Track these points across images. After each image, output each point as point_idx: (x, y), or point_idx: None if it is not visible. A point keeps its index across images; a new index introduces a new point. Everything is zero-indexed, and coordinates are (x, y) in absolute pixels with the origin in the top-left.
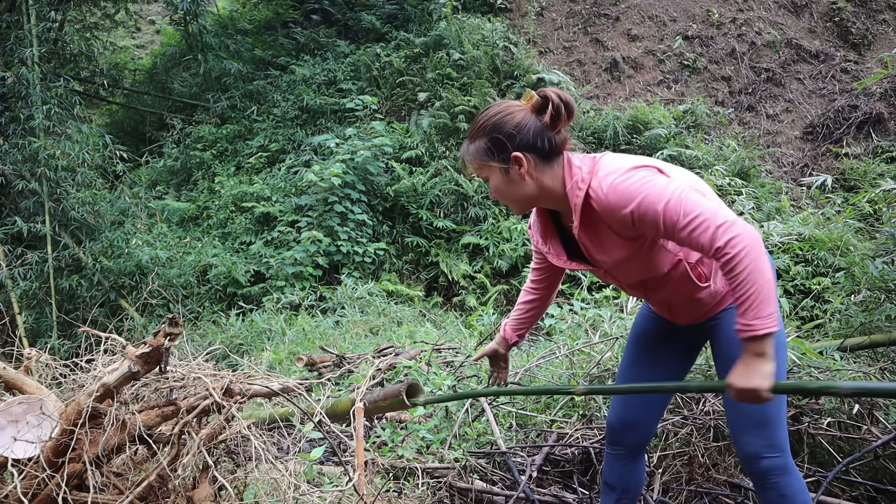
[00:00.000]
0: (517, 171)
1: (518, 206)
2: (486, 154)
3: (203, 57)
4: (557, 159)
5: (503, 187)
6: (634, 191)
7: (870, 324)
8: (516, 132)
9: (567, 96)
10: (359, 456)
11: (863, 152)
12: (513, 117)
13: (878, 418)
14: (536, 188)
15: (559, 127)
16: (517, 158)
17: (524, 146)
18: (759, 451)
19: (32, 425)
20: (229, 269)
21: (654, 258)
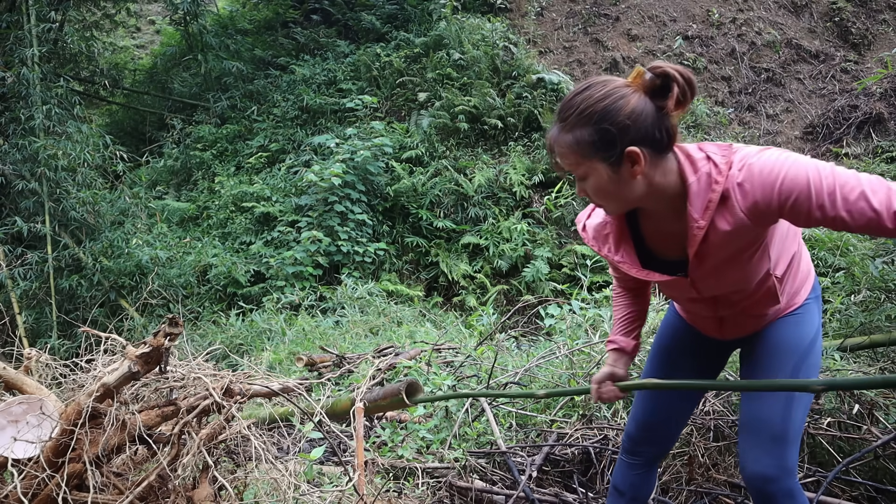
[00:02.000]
0: (629, 170)
1: (617, 208)
2: (590, 148)
3: (203, 57)
4: (670, 153)
5: (608, 187)
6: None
7: (870, 324)
8: (631, 122)
9: (688, 72)
10: (359, 456)
11: (863, 152)
12: (626, 102)
13: (878, 418)
14: (646, 187)
15: (682, 112)
16: (633, 155)
17: (640, 139)
18: (767, 472)
19: (32, 425)
20: (229, 269)
21: (755, 267)
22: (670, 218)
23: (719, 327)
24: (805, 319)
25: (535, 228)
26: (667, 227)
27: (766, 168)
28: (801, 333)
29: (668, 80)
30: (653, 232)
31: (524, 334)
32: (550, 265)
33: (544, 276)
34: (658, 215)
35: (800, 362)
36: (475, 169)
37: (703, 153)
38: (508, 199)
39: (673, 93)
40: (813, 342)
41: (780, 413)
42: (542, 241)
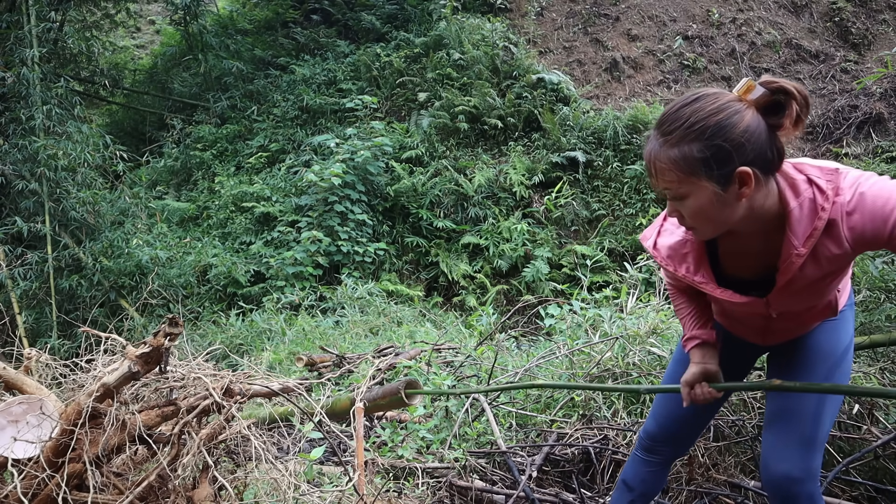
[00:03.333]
0: (736, 191)
1: (713, 231)
2: (700, 165)
3: (203, 57)
4: (775, 174)
5: (709, 209)
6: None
7: (870, 324)
8: (745, 141)
9: (804, 90)
10: (359, 456)
11: (863, 152)
12: (741, 118)
13: (878, 418)
14: (747, 210)
15: (797, 131)
16: (744, 176)
17: (753, 159)
18: (793, 473)
19: (32, 425)
20: (229, 269)
21: (833, 287)
22: (758, 239)
23: (764, 335)
24: (841, 326)
25: (535, 228)
26: (750, 247)
27: (881, 198)
28: (837, 339)
29: (786, 97)
30: (731, 251)
31: (524, 334)
32: (550, 265)
33: (544, 276)
34: (744, 236)
35: (834, 367)
36: (475, 169)
37: (803, 175)
38: (508, 199)
39: (791, 110)
40: (847, 349)
41: (812, 415)
42: (542, 241)
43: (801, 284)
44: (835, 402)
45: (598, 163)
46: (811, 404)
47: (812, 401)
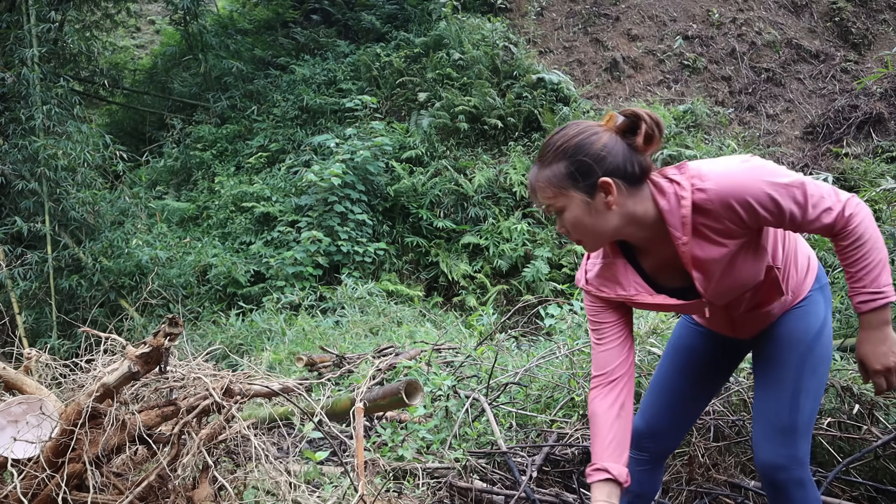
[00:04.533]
0: (603, 200)
1: (595, 242)
2: (566, 180)
3: (203, 57)
4: (644, 185)
5: (584, 219)
6: (749, 174)
7: None
8: (604, 155)
9: (656, 116)
10: (359, 456)
11: (863, 152)
12: (599, 138)
13: (879, 418)
14: (622, 219)
15: (651, 149)
16: (605, 185)
17: (613, 171)
18: (777, 461)
19: (32, 425)
20: (229, 269)
21: (757, 264)
22: (662, 246)
23: (732, 328)
24: (810, 311)
25: (535, 228)
26: (664, 256)
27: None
28: (806, 325)
29: (637, 120)
30: (653, 266)
31: (524, 334)
32: (550, 265)
33: (544, 276)
34: (651, 247)
35: (806, 353)
36: (475, 169)
37: (664, 178)
38: (508, 199)
39: (641, 130)
40: (819, 333)
41: (788, 404)
42: (542, 241)
43: (715, 269)
44: (813, 386)
45: None
46: (786, 392)
47: (787, 389)
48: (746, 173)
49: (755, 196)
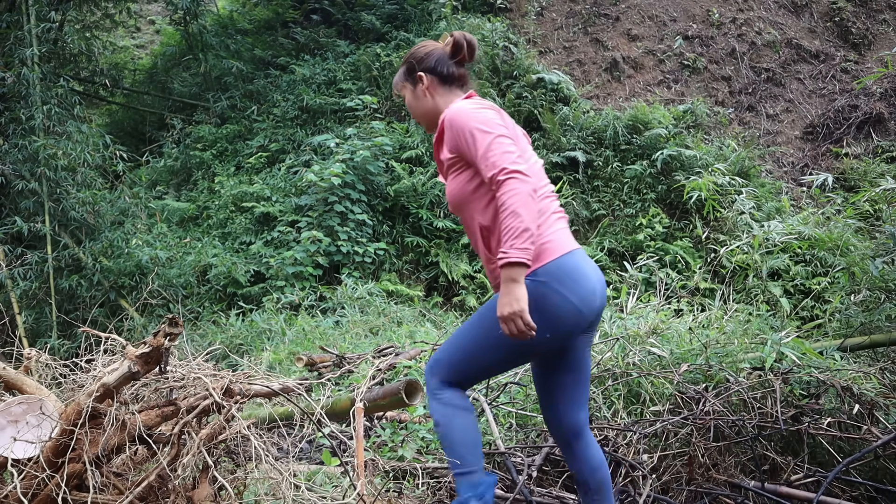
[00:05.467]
0: (422, 88)
1: (424, 121)
2: (403, 75)
3: (203, 57)
4: (455, 88)
5: (413, 102)
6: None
7: (870, 324)
8: (424, 58)
9: (472, 39)
10: (359, 456)
11: (863, 152)
12: (425, 48)
13: (879, 418)
14: (433, 106)
15: (459, 59)
16: (420, 77)
17: (428, 69)
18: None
19: (32, 425)
20: (229, 269)
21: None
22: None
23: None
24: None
25: None
26: None
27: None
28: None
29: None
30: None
31: None
32: None
33: None
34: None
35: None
36: None
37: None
38: None
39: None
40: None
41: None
42: None
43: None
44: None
45: (598, 163)
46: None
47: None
48: (469, 112)
49: (461, 126)
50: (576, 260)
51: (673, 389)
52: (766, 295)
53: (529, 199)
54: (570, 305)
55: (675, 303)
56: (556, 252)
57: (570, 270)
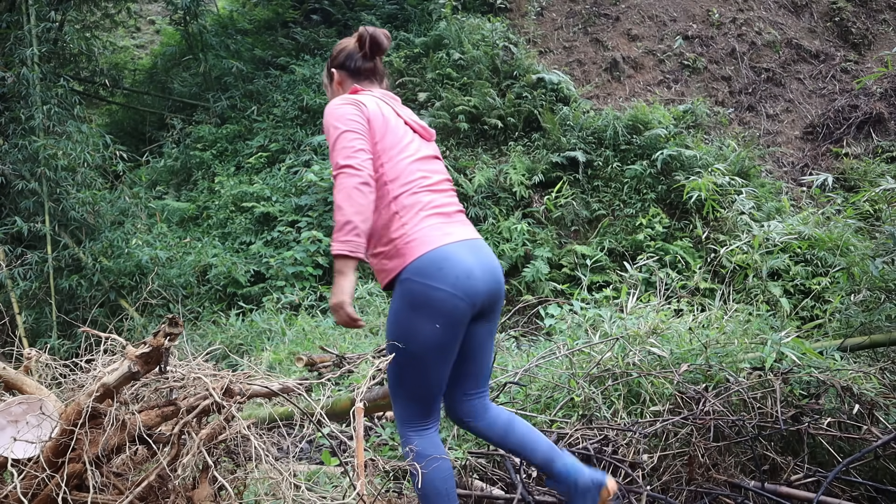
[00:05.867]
0: (335, 81)
1: None
2: (324, 71)
3: (203, 57)
4: (366, 83)
5: (330, 95)
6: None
7: (870, 324)
8: (336, 55)
9: (377, 33)
10: (359, 456)
11: (863, 152)
12: (339, 46)
13: (879, 418)
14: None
15: (363, 53)
16: (332, 72)
17: (338, 65)
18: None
19: (32, 425)
20: (229, 269)
21: None
22: None
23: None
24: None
25: (535, 228)
26: None
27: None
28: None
29: (361, 37)
30: None
31: (524, 334)
32: (550, 265)
33: (544, 276)
34: None
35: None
36: (475, 169)
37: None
38: (508, 199)
39: (366, 47)
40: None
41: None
42: (542, 241)
43: None
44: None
45: (598, 163)
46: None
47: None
48: (333, 108)
49: (326, 122)
50: (440, 253)
51: (673, 389)
52: (766, 295)
53: (354, 191)
54: (443, 293)
55: (675, 303)
56: (418, 251)
57: (434, 263)
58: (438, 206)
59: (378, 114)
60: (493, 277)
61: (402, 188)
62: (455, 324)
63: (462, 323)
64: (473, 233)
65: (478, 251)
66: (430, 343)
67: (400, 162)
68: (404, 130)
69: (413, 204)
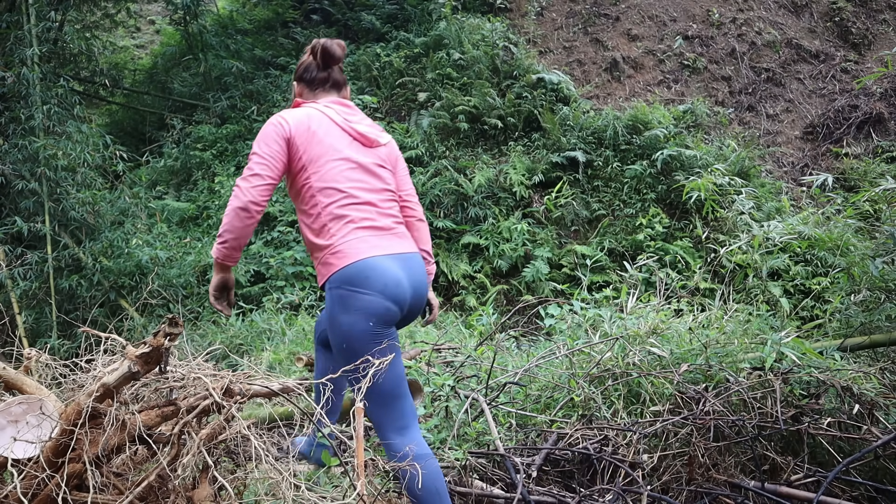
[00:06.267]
0: (296, 94)
1: None
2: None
3: (203, 57)
4: (322, 93)
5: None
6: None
7: (870, 324)
8: (298, 69)
9: (329, 44)
10: (359, 456)
11: (863, 152)
12: (301, 61)
13: (879, 418)
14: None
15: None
16: (294, 84)
17: (297, 77)
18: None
19: (32, 425)
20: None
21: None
22: None
23: None
24: (327, 304)
25: (535, 228)
26: None
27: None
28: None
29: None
30: None
31: (524, 334)
32: (550, 265)
33: (544, 276)
34: None
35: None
36: (475, 169)
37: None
38: (508, 199)
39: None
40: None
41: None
42: (542, 241)
43: None
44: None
45: (598, 163)
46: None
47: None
48: (264, 126)
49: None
50: (367, 264)
51: (673, 389)
52: (766, 295)
53: (233, 213)
54: (372, 296)
55: (675, 303)
56: (343, 262)
57: (360, 273)
58: (369, 219)
59: (304, 127)
60: (418, 292)
61: (330, 199)
62: (387, 322)
63: (392, 324)
64: (407, 247)
65: (407, 264)
66: (369, 338)
67: (328, 172)
68: (339, 140)
69: (342, 216)
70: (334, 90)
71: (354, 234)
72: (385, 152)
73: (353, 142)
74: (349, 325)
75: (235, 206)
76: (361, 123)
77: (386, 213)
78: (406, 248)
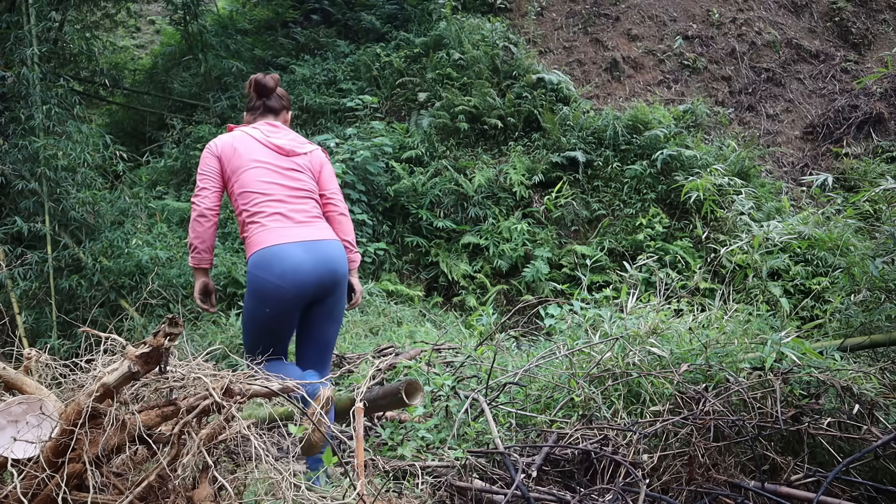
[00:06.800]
0: (244, 121)
1: None
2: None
3: (203, 57)
4: (259, 118)
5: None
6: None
7: (870, 324)
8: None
9: (262, 78)
10: (359, 456)
11: (863, 152)
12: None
13: (879, 418)
14: None
15: (253, 95)
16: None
17: (245, 107)
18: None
19: (32, 425)
20: (229, 269)
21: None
22: None
23: None
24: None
25: (535, 228)
26: None
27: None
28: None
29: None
30: None
31: (524, 334)
32: (550, 265)
33: (544, 276)
34: None
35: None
36: (475, 169)
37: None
38: (508, 199)
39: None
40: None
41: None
42: (542, 241)
43: None
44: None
45: (598, 163)
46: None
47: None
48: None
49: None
50: (273, 251)
51: (673, 389)
52: (766, 295)
53: (194, 222)
54: (270, 284)
55: (675, 303)
56: (254, 248)
57: (265, 259)
58: (279, 213)
59: (229, 147)
60: (325, 270)
61: (247, 200)
62: (283, 308)
63: (291, 308)
64: (318, 235)
65: (314, 249)
66: (261, 322)
67: (245, 178)
68: (256, 152)
69: (257, 213)
70: (270, 114)
71: (264, 226)
72: (305, 159)
73: (271, 152)
74: (251, 308)
75: (194, 216)
76: (282, 138)
77: (298, 209)
78: (316, 236)
